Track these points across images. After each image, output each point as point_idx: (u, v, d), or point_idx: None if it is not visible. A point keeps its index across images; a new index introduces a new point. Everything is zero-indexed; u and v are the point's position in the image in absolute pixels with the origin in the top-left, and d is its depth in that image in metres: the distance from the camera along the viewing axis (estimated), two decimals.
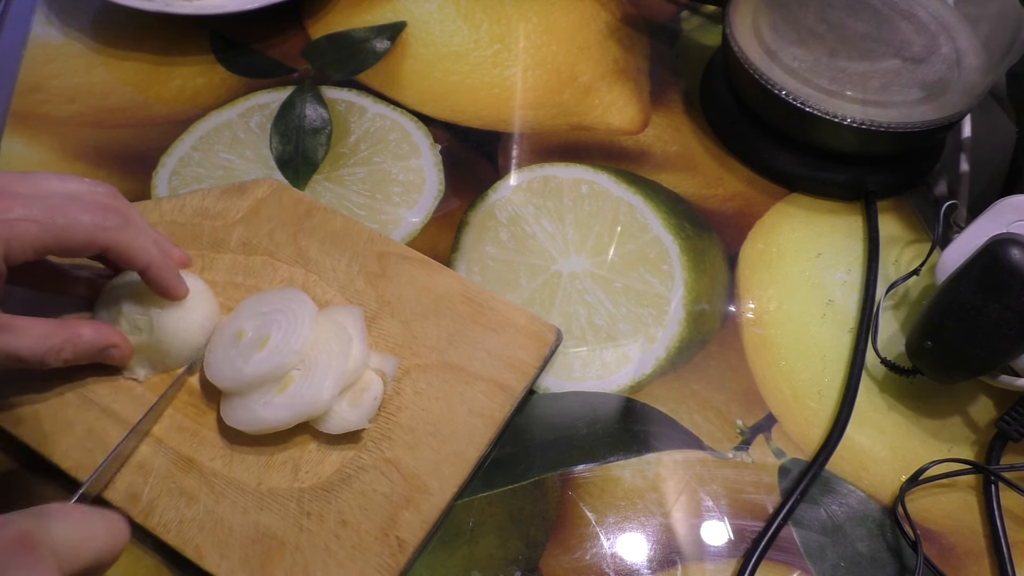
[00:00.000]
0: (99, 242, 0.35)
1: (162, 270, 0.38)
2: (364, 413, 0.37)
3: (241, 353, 0.37)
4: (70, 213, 0.35)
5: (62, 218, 0.34)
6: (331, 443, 0.37)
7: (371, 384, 0.38)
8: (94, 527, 0.31)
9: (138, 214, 0.38)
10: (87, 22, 0.57)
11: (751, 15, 0.51)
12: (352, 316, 0.39)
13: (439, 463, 0.37)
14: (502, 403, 0.39)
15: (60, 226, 0.34)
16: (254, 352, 0.37)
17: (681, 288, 0.46)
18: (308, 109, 0.53)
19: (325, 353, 0.37)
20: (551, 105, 0.55)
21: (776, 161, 0.51)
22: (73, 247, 0.35)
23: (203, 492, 0.36)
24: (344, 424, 0.37)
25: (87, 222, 0.35)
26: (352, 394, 0.37)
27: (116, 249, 0.36)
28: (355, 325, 0.39)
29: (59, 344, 0.36)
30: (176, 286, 0.38)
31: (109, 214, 0.36)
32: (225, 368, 0.37)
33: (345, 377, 0.37)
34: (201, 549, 0.35)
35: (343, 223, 0.45)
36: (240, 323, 0.39)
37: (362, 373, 0.38)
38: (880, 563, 0.38)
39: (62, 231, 0.34)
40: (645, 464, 0.40)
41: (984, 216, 0.42)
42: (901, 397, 0.43)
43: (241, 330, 0.39)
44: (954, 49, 0.50)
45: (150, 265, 0.37)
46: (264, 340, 0.37)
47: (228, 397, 0.38)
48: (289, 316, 0.38)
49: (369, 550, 0.35)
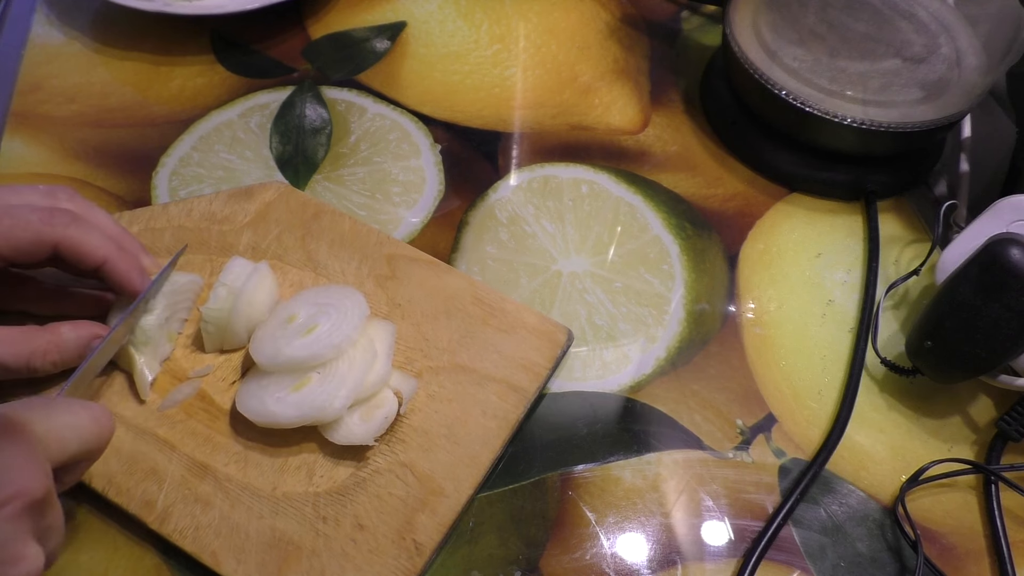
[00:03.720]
0: (47, 239, 0.35)
1: (119, 264, 0.37)
2: (372, 430, 0.37)
3: (286, 335, 0.38)
4: (16, 214, 0.34)
5: (8, 219, 0.34)
6: (338, 451, 0.37)
7: (386, 402, 0.38)
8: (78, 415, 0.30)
9: (100, 215, 0.38)
10: (87, 22, 0.57)
11: (751, 15, 0.51)
12: (384, 332, 0.39)
13: (454, 465, 0.37)
14: (515, 404, 0.39)
15: (6, 227, 0.34)
16: (298, 337, 0.37)
17: (681, 288, 0.46)
18: (308, 109, 0.53)
19: (347, 363, 0.37)
20: (551, 105, 0.55)
21: (776, 161, 0.51)
22: (22, 247, 0.34)
23: (218, 498, 0.36)
24: (350, 437, 0.36)
25: (33, 220, 0.35)
26: (365, 409, 0.37)
27: (66, 245, 0.35)
28: (384, 341, 0.39)
29: (43, 346, 0.35)
30: (136, 281, 0.37)
31: (57, 212, 0.35)
32: (267, 346, 0.38)
33: (361, 391, 0.37)
34: (217, 555, 0.35)
35: (351, 225, 0.44)
36: (295, 308, 0.39)
37: (380, 390, 0.38)
38: (880, 563, 0.38)
39: (8, 231, 0.34)
40: (645, 464, 0.40)
41: (984, 216, 0.42)
42: (901, 397, 0.43)
43: (294, 315, 0.39)
44: (954, 49, 0.50)
45: (105, 260, 0.36)
46: (311, 328, 0.38)
47: (247, 383, 0.38)
48: (341, 311, 0.38)
49: (386, 553, 0.35)
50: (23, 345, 0.35)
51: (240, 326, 0.39)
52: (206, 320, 0.39)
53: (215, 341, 0.40)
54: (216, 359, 0.40)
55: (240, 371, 0.40)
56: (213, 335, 0.40)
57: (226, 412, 0.38)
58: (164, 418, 0.38)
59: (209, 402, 0.39)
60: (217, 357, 0.40)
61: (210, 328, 0.39)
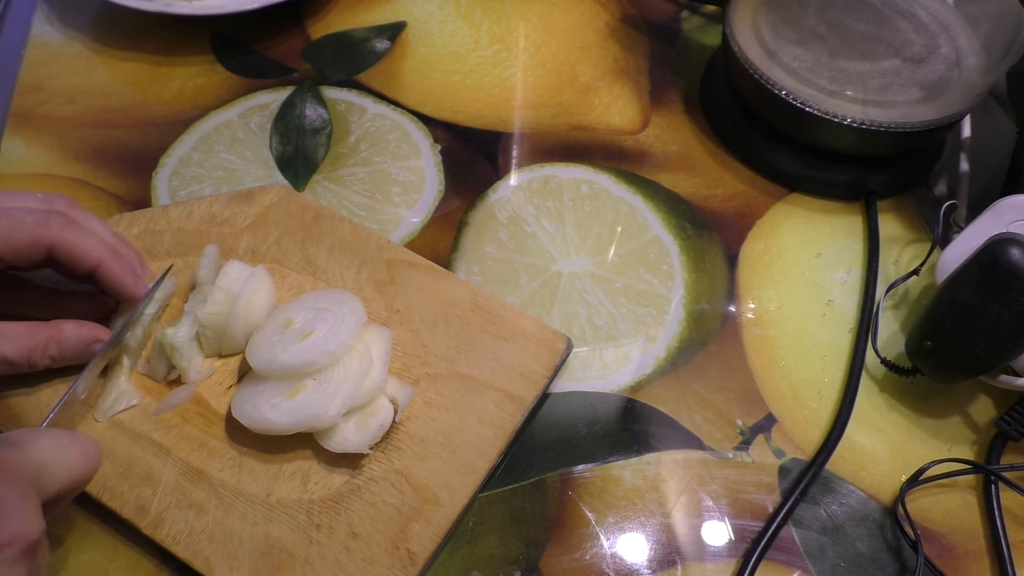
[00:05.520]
0: (43, 241, 0.35)
1: (114, 268, 0.37)
2: (367, 438, 0.36)
3: (282, 340, 0.38)
4: (13, 216, 0.35)
5: (5, 220, 0.35)
6: (333, 458, 0.37)
7: (381, 410, 0.37)
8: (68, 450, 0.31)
9: (94, 221, 0.38)
10: (87, 22, 0.57)
11: (751, 15, 0.51)
12: (381, 339, 0.39)
13: (449, 474, 0.37)
14: (512, 413, 0.39)
15: (3, 228, 0.34)
16: (294, 343, 0.37)
17: (681, 288, 0.46)
18: (308, 109, 0.53)
19: (343, 370, 0.37)
20: (551, 105, 0.55)
21: (776, 161, 0.51)
22: (19, 248, 0.35)
23: (212, 503, 0.36)
24: (344, 444, 0.36)
25: (30, 221, 0.35)
26: (360, 417, 0.37)
27: (62, 247, 0.36)
28: (380, 348, 0.38)
29: (43, 342, 0.36)
30: (130, 284, 0.38)
31: (53, 215, 0.36)
32: (263, 350, 0.38)
33: (357, 398, 0.36)
34: (211, 561, 0.35)
35: (351, 230, 0.44)
36: (293, 313, 0.39)
37: (376, 397, 0.38)
38: (880, 563, 0.38)
39: (5, 232, 0.34)
40: (645, 464, 0.40)
41: (984, 216, 0.42)
42: (901, 397, 0.43)
43: (291, 319, 0.39)
44: (954, 49, 0.50)
45: (100, 264, 0.37)
46: (307, 334, 0.37)
47: (242, 388, 0.38)
48: (337, 317, 0.38)
49: (380, 563, 0.35)
50: (26, 340, 0.36)
51: (238, 330, 0.39)
52: (204, 325, 0.39)
53: (213, 346, 0.40)
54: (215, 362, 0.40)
55: (237, 375, 0.40)
56: (211, 340, 0.40)
57: (222, 417, 0.38)
58: (159, 422, 0.38)
59: (205, 406, 0.39)
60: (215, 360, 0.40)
61: (208, 333, 0.39)
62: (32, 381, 0.38)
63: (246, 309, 0.39)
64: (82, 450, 0.31)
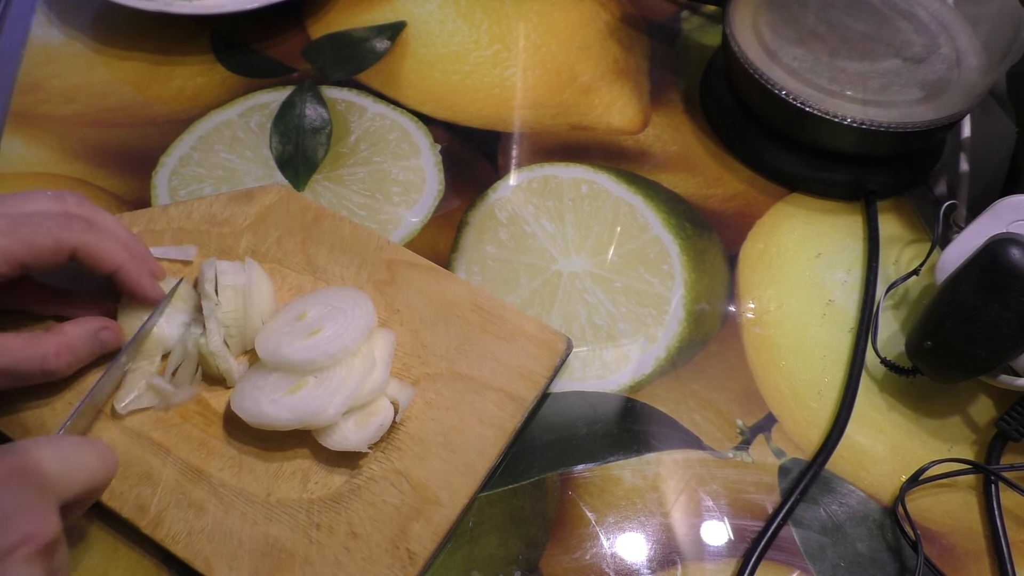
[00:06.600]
0: (66, 245, 0.35)
1: (132, 272, 0.38)
2: (366, 437, 0.36)
3: (291, 332, 0.38)
4: (35, 221, 0.35)
5: (27, 227, 0.35)
6: (333, 458, 0.37)
7: (381, 411, 0.37)
8: (86, 455, 0.31)
9: (110, 220, 0.39)
10: (87, 22, 0.57)
11: (751, 15, 0.51)
12: (384, 341, 0.39)
13: (449, 474, 0.37)
14: (512, 413, 0.39)
15: (26, 235, 0.35)
16: (300, 338, 0.37)
17: (681, 288, 0.46)
18: (308, 109, 0.53)
19: (345, 369, 0.37)
20: (551, 105, 0.55)
21: (776, 161, 0.51)
22: (43, 254, 0.35)
23: (212, 503, 0.36)
24: (344, 443, 0.36)
25: (52, 227, 0.35)
26: (360, 416, 0.37)
27: (84, 250, 0.36)
28: (383, 350, 0.39)
29: (53, 348, 0.36)
30: (148, 288, 0.38)
31: (73, 219, 0.36)
32: (270, 341, 0.38)
33: (357, 398, 0.36)
34: (210, 561, 0.34)
35: (351, 230, 0.44)
36: (308, 306, 0.39)
37: (376, 398, 0.38)
38: (880, 563, 0.38)
39: (29, 238, 0.35)
40: (645, 464, 0.40)
41: (984, 216, 0.42)
42: (901, 397, 0.43)
43: (305, 312, 0.39)
44: (954, 49, 0.50)
45: (120, 267, 0.37)
46: (315, 331, 0.37)
47: (243, 383, 0.38)
48: (347, 319, 0.38)
49: (380, 563, 0.35)
50: (32, 349, 0.36)
51: (256, 319, 0.39)
52: (226, 325, 0.39)
53: (238, 344, 0.40)
54: None
55: None
56: (236, 338, 0.40)
57: (221, 416, 0.38)
58: (159, 421, 0.38)
59: (205, 406, 0.39)
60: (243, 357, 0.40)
61: (232, 331, 0.39)
62: (46, 393, 0.38)
63: (259, 296, 0.39)
64: (99, 455, 0.32)
